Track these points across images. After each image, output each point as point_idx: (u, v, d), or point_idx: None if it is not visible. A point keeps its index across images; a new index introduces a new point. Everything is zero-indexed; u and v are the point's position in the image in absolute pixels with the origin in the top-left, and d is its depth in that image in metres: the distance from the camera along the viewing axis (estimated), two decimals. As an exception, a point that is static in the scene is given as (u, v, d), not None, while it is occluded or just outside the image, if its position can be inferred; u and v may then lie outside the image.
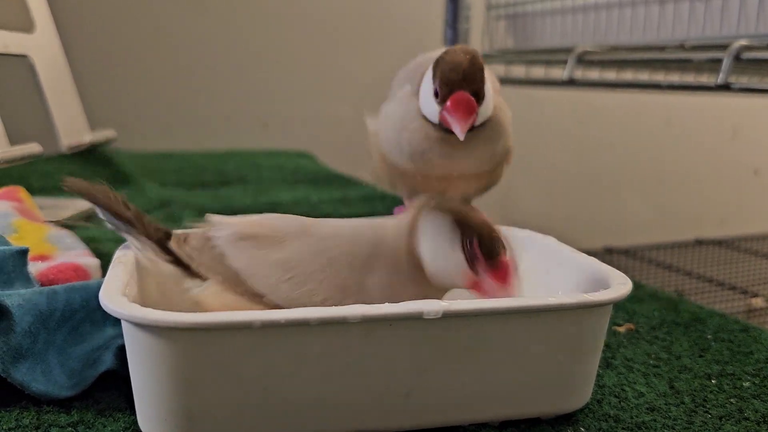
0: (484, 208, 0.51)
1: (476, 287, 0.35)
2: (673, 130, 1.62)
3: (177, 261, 0.36)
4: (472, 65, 0.46)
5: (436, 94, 0.47)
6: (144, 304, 0.31)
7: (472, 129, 0.47)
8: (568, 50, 0.78)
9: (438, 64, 0.47)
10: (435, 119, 0.48)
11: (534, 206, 1.46)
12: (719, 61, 0.60)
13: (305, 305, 0.31)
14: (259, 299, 0.34)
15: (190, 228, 0.38)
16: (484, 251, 0.34)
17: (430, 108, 0.48)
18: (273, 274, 0.34)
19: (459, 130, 0.45)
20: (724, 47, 0.60)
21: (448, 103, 0.45)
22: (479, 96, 0.46)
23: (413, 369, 0.33)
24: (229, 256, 0.35)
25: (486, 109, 0.48)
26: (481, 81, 0.46)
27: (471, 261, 0.34)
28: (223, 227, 0.37)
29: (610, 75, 0.86)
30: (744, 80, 0.63)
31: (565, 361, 0.35)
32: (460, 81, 0.45)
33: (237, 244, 0.35)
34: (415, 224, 0.36)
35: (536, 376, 0.35)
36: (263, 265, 0.35)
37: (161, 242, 0.37)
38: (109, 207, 0.37)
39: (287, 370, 0.31)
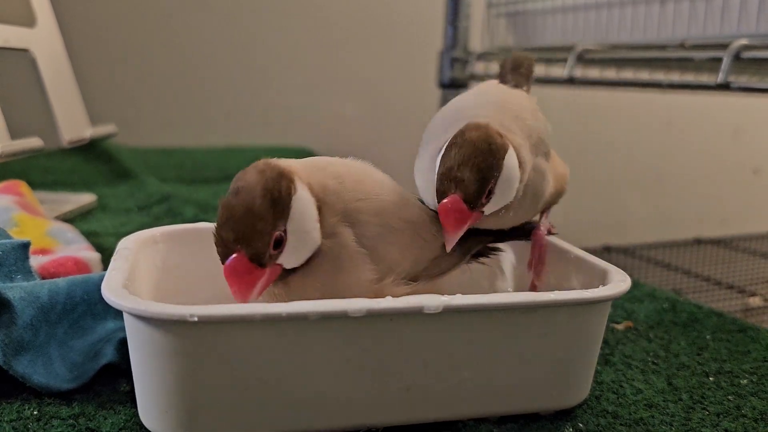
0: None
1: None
2: (674, 129, 1.62)
3: None
4: (477, 162, 0.36)
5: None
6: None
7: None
8: (568, 48, 0.78)
9: (447, 150, 0.37)
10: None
11: (533, 204, 1.46)
12: (719, 60, 0.60)
13: None
14: None
15: None
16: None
17: (431, 200, 0.39)
18: None
19: (447, 244, 0.37)
20: (724, 46, 0.60)
21: (440, 207, 0.36)
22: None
23: (413, 364, 0.33)
24: None
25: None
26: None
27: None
28: None
29: (610, 74, 0.86)
30: (744, 79, 0.63)
31: (564, 357, 0.35)
32: (456, 182, 0.36)
33: None
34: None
35: (535, 371, 0.35)
36: None
37: None
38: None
39: (288, 363, 0.31)
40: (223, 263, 0.32)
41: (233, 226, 0.31)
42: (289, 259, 0.33)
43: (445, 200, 0.36)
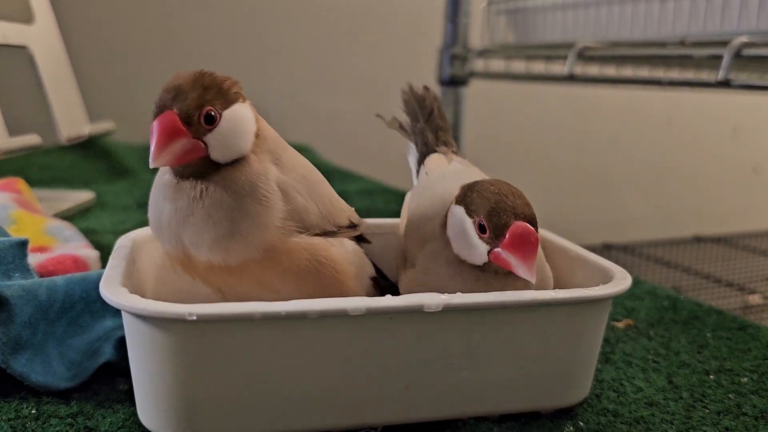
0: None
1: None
2: (674, 127, 1.62)
3: None
4: (516, 192, 0.35)
5: (482, 229, 0.34)
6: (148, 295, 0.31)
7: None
8: (568, 45, 0.78)
9: (472, 194, 0.35)
10: (481, 259, 0.35)
11: (534, 201, 1.46)
12: (719, 57, 0.60)
13: None
14: None
15: None
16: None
17: (474, 249, 0.35)
18: None
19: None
20: (724, 43, 0.60)
21: (507, 237, 0.33)
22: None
23: (413, 362, 0.33)
24: None
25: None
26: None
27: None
28: None
29: (611, 71, 0.86)
30: (744, 77, 0.63)
31: (565, 356, 0.35)
32: (512, 208, 0.34)
33: None
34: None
35: (535, 370, 0.35)
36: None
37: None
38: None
39: (287, 362, 0.31)
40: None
41: (175, 87, 0.33)
42: (215, 145, 0.33)
43: (514, 226, 0.33)
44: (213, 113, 0.33)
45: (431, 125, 0.48)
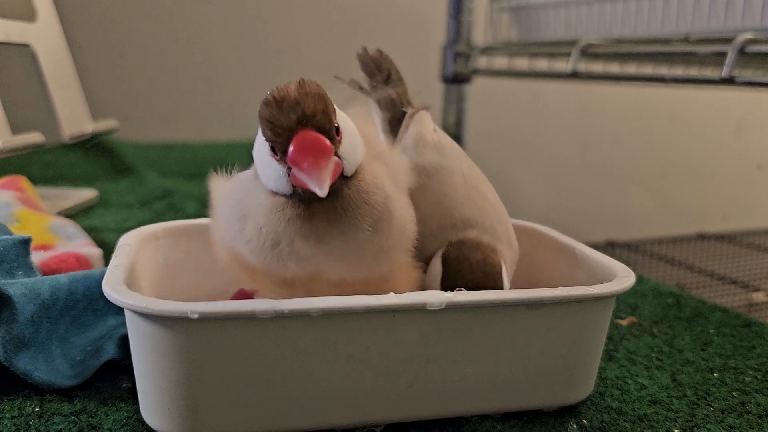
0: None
1: (299, 183, 0.29)
2: (677, 124, 1.61)
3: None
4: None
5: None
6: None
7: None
8: (572, 43, 0.77)
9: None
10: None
11: (537, 199, 1.46)
12: (723, 54, 0.60)
13: None
14: None
15: None
16: (276, 143, 0.29)
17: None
18: None
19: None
20: (728, 40, 0.60)
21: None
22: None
23: (416, 360, 0.33)
24: None
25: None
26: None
27: (279, 161, 0.30)
28: None
29: (614, 68, 0.85)
30: (748, 74, 0.62)
31: (568, 354, 0.35)
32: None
33: None
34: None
35: (539, 367, 0.35)
36: None
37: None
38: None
39: (290, 360, 0.31)
40: (284, 151, 0.28)
41: (293, 104, 0.28)
42: (346, 158, 0.30)
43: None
44: (337, 124, 0.30)
45: (391, 85, 0.49)
